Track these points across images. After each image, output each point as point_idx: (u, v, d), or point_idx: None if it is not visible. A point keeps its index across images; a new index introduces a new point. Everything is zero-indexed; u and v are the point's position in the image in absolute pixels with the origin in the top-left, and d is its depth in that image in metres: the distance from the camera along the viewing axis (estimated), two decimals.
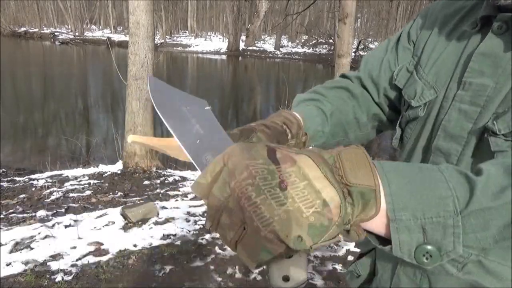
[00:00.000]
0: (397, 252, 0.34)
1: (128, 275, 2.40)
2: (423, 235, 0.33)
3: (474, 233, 0.32)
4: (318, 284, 2.44)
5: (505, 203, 0.31)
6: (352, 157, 0.36)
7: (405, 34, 0.72)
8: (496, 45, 0.52)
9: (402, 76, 0.68)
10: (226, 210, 0.35)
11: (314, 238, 0.33)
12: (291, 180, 0.33)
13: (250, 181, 0.33)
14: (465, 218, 0.32)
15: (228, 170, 0.35)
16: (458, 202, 0.32)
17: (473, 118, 0.54)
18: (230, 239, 0.35)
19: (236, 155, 0.35)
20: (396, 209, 0.33)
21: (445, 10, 0.66)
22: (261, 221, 0.32)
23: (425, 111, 0.62)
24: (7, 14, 31.08)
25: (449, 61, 0.60)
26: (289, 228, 0.32)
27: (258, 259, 0.34)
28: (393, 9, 26.26)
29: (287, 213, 0.32)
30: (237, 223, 0.34)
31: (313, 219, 0.32)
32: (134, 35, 4.32)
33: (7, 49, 19.38)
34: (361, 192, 0.34)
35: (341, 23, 5.28)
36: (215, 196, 0.35)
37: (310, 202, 0.32)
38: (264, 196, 0.32)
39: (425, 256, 0.33)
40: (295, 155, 0.35)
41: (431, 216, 0.32)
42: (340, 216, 0.33)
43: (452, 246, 0.32)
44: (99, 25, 38.20)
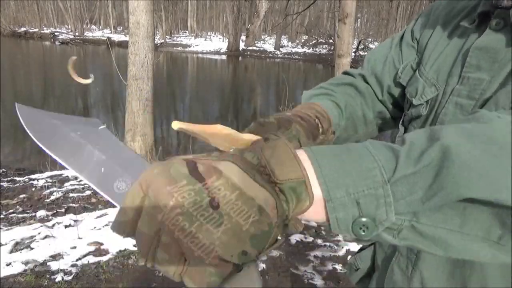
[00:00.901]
0: (335, 229, 0.35)
1: (128, 275, 2.40)
2: (358, 209, 0.33)
3: (403, 198, 0.33)
4: (318, 284, 2.44)
5: (424, 165, 0.32)
6: (276, 152, 0.35)
7: (409, 32, 0.72)
8: (494, 40, 0.53)
9: (406, 74, 0.69)
10: (161, 246, 0.32)
11: (259, 247, 0.32)
12: (222, 195, 0.31)
13: (179, 210, 0.30)
14: (393, 186, 0.33)
15: (150, 203, 0.32)
16: (385, 171, 0.33)
17: (468, 111, 0.54)
18: (173, 273, 0.33)
19: (154, 181, 0.32)
20: (330, 189, 0.34)
21: (448, 8, 0.66)
22: (202, 250, 0.30)
23: (427, 109, 0.62)
24: (7, 14, 31.08)
25: (449, 58, 0.60)
26: (232, 247, 0.31)
27: (209, 285, 0.32)
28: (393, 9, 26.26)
29: (227, 233, 0.31)
30: (177, 256, 0.32)
31: (253, 229, 0.31)
32: (134, 35, 4.32)
33: (7, 49, 19.38)
34: (292, 187, 0.34)
35: (341, 23, 5.28)
36: (142, 233, 0.32)
37: (246, 212, 0.31)
38: (199, 223, 0.30)
39: (362, 229, 0.34)
40: (218, 164, 0.33)
41: (362, 190, 0.33)
42: (279, 216, 0.33)
43: (385, 215, 0.33)
44: (99, 25, 38.20)
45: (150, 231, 0.32)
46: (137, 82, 4.42)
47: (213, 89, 13.81)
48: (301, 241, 2.97)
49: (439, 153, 0.32)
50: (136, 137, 4.59)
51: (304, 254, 2.79)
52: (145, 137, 4.64)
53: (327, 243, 2.97)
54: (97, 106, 10.60)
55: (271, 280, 2.44)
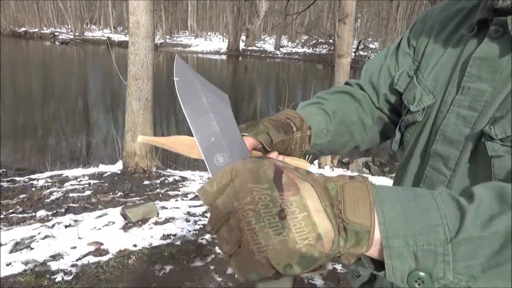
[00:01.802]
0: (390, 277, 0.35)
1: (128, 275, 2.40)
2: (415, 262, 0.34)
3: (464, 261, 0.33)
4: (318, 284, 2.44)
5: (493, 232, 0.32)
6: (354, 192, 0.36)
7: (405, 40, 0.72)
8: (493, 49, 0.52)
9: (403, 81, 0.68)
10: (227, 225, 0.36)
11: (303, 268, 0.34)
12: (291, 210, 0.34)
13: (252, 207, 0.35)
14: (454, 246, 0.33)
15: (233, 189, 0.36)
16: (449, 230, 0.33)
17: (471, 122, 0.53)
18: (226, 251, 0.37)
19: (243, 173, 0.36)
20: (389, 237, 0.34)
21: (444, 13, 0.66)
22: (256, 247, 0.34)
23: (423, 115, 0.62)
24: (7, 14, 31.07)
25: (447, 65, 0.60)
26: (281, 257, 0.34)
27: (247, 277, 0.36)
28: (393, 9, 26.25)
29: (282, 243, 0.34)
30: (234, 240, 0.36)
31: (305, 250, 0.34)
32: (134, 35, 4.32)
33: (7, 49, 19.37)
34: (356, 231, 0.35)
35: (341, 23, 5.28)
36: (218, 208, 0.37)
37: (306, 234, 0.34)
38: (263, 224, 0.34)
39: (417, 282, 0.34)
40: (300, 182, 0.36)
41: (422, 244, 0.33)
42: (332, 250, 0.35)
43: (442, 273, 0.33)
44: (99, 25, 38.20)
45: (224, 209, 0.36)
46: (137, 82, 4.42)
47: None
48: None
49: (510, 224, 0.32)
50: (136, 137, 4.59)
51: None
52: None
53: None
54: (97, 106, 10.60)
55: None
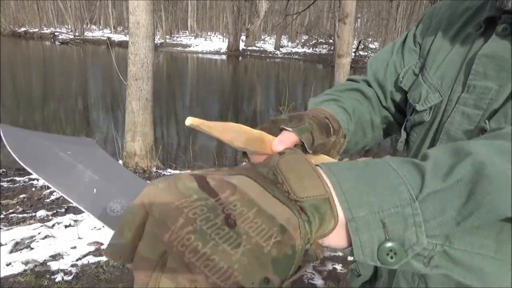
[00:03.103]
0: (359, 256, 0.31)
1: (128, 275, 2.40)
2: (384, 231, 0.30)
3: (435, 218, 0.30)
4: (318, 284, 2.44)
5: (457, 180, 0.30)
6: (292, 166, 0.31)
7: (411, 36, 0.71)
8: (500, 47, 0.51)
9: (408, 78, 0.67)
10: (166, 273, 0.26)
11: (282, 275, 0.27)
12: (238, 212, 0.27)
13: (191, 228, 0.26)
14: (422, 203, 0.30)
15: (155, 220, 0.27)
16: (412, 188, 0.30)
17: (475, 121, 0.53)
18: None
19: (160, 197, 0.27)
20: (352, 207, 0.30)
21: (451, 10, 0.65)
22: (217, 275, 0.25)
23: (430, 115, 0.61)
24: (7, 14, 31.08)
25: (454, 63, 0.59)
26: (253, 273, 0.26)
27: None
28: (393, 9, 26.25)
29: (246, 254, 0.26)
30: (185, 284, 0.26)
31: (275, 252, 0.27)
32: (134, 35, 4.32)
33: (7, 49, 19.38)
34: (314, 205, 0.30)
35: (341, 23, 5.28)
36: (143, 258, 0.27)
37: (267, 232, 0.27)
38: (214, 242, 0.26)
39: (389, 255, 0.30)
40: (231, 178, 0.29)
41: (388, 208, 0.30)
42: (302, 238, 0.29)
43: (415, 238, 0.30)
44: (99, 25, 38.20)
45: (154, 254, 0.27)
46: (137, 82, 4.42)
47: (213, 89, 13.81)
48: None
49: (472, 169, 0.30)
50: (136, 137, 4.59)
51: None
52: (145, 137, 4.64)
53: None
54: (97, 106, 10.60)
55: None
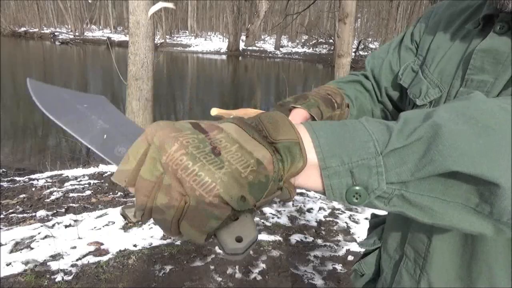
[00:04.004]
0: (330, 196, 0.37)
1: (128, 275, 2.40)
2: (352, 178, 0.35)
3: (394, 169, 0.35)
4: (318, 284, 2.44)
5: (415, 139, 0.34)
6: (273, 118, 0.38)
7: (408, 35, 0.73)
8: (497, 43, 0.53)
9: (407, 75, 0.69)
10: (162, 189, 0.33)
11: (256, 196, 0.34)
12: (223, 145, 0.34)
13: (184, 151, 0.32)
14: (385, 158, 0.35)
15: (155, 147, 0.33)
16: (378, 144, 0.35)
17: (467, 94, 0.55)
18: (171, 219, 0.33)
19: (160, 130, 0.34)
20: (326, 158, 0.36)
21: (451, 9, 0.67)
22: (203, 188, 0.32)
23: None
24: (7, 14, 31.06)
25: (453, 60, 0.61)
26: (232, 189, 0.32)
27: (207, 228, 0.33)
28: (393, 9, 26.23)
29: (227, 175, 0.32)
30: (177, 197, 0.33)
31: (251, 177, 0.33)
32: (134, 35, 4.32)
33: (7, 49, 19.37)
34: (287, 147, 0.36)
35: (341, 23, 5.28)
36: (144, 180, 0.34)
37: (245, 162, 0.33)
38: (201, 163, 0.32)
39: (355, 197, 0.36)
40: (219, 123, 0.36)
41: (356, 160, 0.35)
42: (275, 172, 0.35)
43: (377, 184, 0.35)
44: (99, 25, 38.20)
45: (152, 176, 0.33)
46: (137, 82, 4.42)
47: (213, 89, 13.80)
48: (301, 241, 2.97)
49: (430, 129, 0.34)
50: None
51: (304, 254, 2.79)
52: None
53: (327, 243, 2.97)
54: None
55: (271, 280, 2.44)
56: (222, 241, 0.35)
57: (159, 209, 0.34)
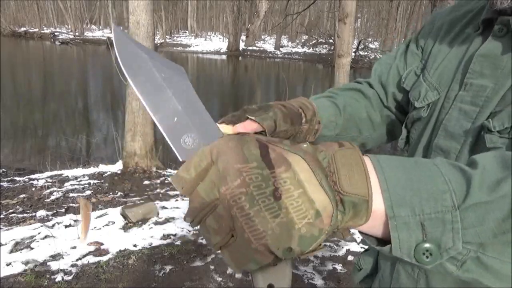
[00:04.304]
0: (396, 252, 0.33)
1: (128, 275, 2.40)
2: (422, 232, 0.32)
3: (473, 227, 0.31)
4: (318, 284, 2.44)
5: (502, 196, 0.31)
6: (347, 160, 0.34)
7: (414, 41, 0.74)
8: (496, 47, 0.54)
9: (410, 79, 0.70)
10: (214, 214, 0.33)
11: (303, 248, 0.33)
12: (286, 188, 0.32)
13: (244, 190, 0.32)
14: (463, 212, 0.31)
15: (217, 172, 0.33)
16: (456, 196, 0.32)
17: (472, 117, 0.55)
18: (216, 243, 0.34)
19: (226, 153, 0.33)
20: (395, 206, 0.32)
21: (453, 13, 0.67)
22: (253, 234, 0.31)
23: (428, 111, 0.64)
24: (7, 14, 31.07)
25: (452, 63, 0.61)
26: (281, 241, 0.32)
27: (245, 268, 0.34)
28: (393, 9, 26.24)
29: (280, 225, 0.31)
30: (225, 230, 0.33)
31: (304, 230, 0.32)
32: (134, 35, 4.32)
33: (7, 49, 19.37)
34: (353, 202, 0.33)
35: (341, 23, 5.28)
36: (200, 196, 0.34)
37: (304, 212, 0.32)
38: (258, 208, 0.31)
39: (425, 255, 0.32)
40: (289, 156, 0.34)
41: (429, 212, 0.32)
42: (331, 225, 0.33)
43: (451, 242, 0.31)
44: (99, 25, 38.21)
45: (208, 197, 0.33)
46: None
47: (213, 89, 13.80)
48: None
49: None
50: (136, 137, 4.59)
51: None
52: (145, 137, 4.64)
53: (327, 243, 2.97)
54: (97, 106, 10.59)
55: None
56: (254, 281, 0.35)
57: (207, 229, 0.34)
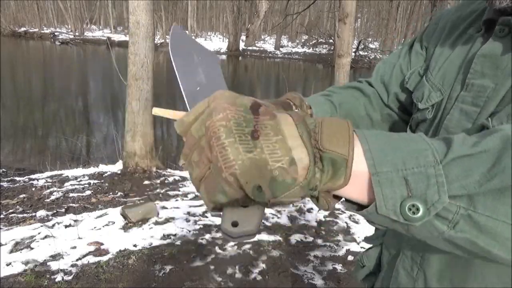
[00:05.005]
0: (382, 209, 0.32)
1: (128, 275, 2.40)
2: (407, 188, 0.32)
3: (458, 181, 0.31)
4: (318, 284, 2.44)
5: (483, 150, 0.31)
6: (334, 125, 0.35)
7: (418, 40, 0.74)
8: (497, 47, 0.54)
9: (413, 79, 0.70)
10: (197, 148, 0.36)
11: (274, 193, 0.33)
12: (265, 132, 0.34)
13: (224, 123, 0.34)
14: (446, 166, 0.31)
15: (208, 111, 0.36)
16: (437, 153, 0.32)
17: (473, 118, 0.55)
18: (195, 176, 0.36)
19: (220, 98, 0.36)
20: (377, 163, 0.33)
21: (457, 13, 0.67)
22: (224, 162, 0.33)
23: (432, 113, 0.64)
24: (7, 14, 31.06)
25: (455, 64, 0.61)
26: (250, 175, 0.32)
27: (214, 199, 0.35)
28: (393, 9, 26.24)
29: (252, 160, 0.32)
30: (204, 161, 0.35)
31: (276, 173, 0.33)
32: (134, 35, 4.32)
33: (7, 49, 19.37)
34: (333, 159, 0.34)
35: (341, 23, 5.28)
36: (191, 135, 0.36)
37: (278, 156, 0.33)
38: (233, 139, 0.33)
39: (412, 210, 0.31)
40: (278, 112, 0.36)
41: (412, 167, 0.32)
42: (306, 179, 0.33)
43: (437, 196, 0.31)
44: (99, 25, 38.20)
45: (196, 134, 0.36)
46: (137, 82, 4.42)
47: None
48: (301, 241, 2.97)
49: (500, 141, 0.31)
50: (136, 137, 4.59)
51: (304, 254, 2.79)
52: (145, 137, 4.64)
53: (327, 243, 2.97)
54: (97, 106, 10.59)
55: (271, 280, 2.44)
56: (222, 218, 0.36)
57: (191, 164, 0.36)
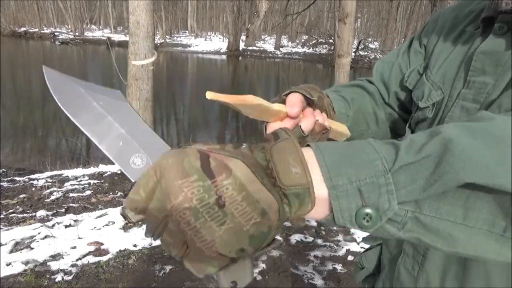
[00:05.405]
0: (339, 220, 0.35)
1: (128, 275, 2.40)
2: (361, 198, 0.34)
3: (405, 187, 0.33)
4: (318, 284, 2.44)
5: (424, 156, 0.33)
6: (282, 154, 0.36)
7: (417, 39, 0.75)
8: (497, 44, 0.54)
9: (413, 78, 0.71)
10: (167, 230, 0.35)
11: (256, 246, 0.34)
12: (229, 195, 0.33)
13: (187, 205, 0.32)
14: (394, 175, 0.34)
15: (162, 191, 0.34)
16: (386, 162, 0.34)
17: (473, 114, 0.55)
18: (175, 255, 0.36)
19: (168, 170, 0.34)
20: (333, 177, 0.35)
21: (456, 12, 0.68)
22: (203, 244, 0.33)
23: (433, 112, 0.64)
24: (7, 14, 31.07)
25: (455, 62, 0.62)
26: (231, 245, 0.33)
27: (205, 273, 0.36)
28: (393, 9, 26.23)
29: (228, 231, 0.33)
30: (179, 243, 0.35)
31: (253, 230, 0.33)
32: (134, 35, 4.32)
33: (7, 49, 19.38)
34: (296, 194, 0.35)
35: (341, 23, 5.28)
36: (152, 215, 0.35)
37: (249, 214, 0.33)
38: (204, 219, 0.32)
39: (365, 219, 0.34)
40: (230, 161, 0.34)
41: (364, 178, 0.34)
42: (279, 220, 0.35)
43: (388, 204, 0.34)
44: (99, 25, 38.22)
45: (159, 215, 0.34)
46: (137, 82, 4.42)
47: (213, 89, 13.76)
48: (301, 241, 2.97)
49: (440, 145, 0.33)
50: None
51: (304, 254, 2.79)
52: None
53: (327, 243, 2.97)
54: None
55: (271, 280, 2.44)
56: (219, 281, 0.38)
57: (165, 243, 0.36)
